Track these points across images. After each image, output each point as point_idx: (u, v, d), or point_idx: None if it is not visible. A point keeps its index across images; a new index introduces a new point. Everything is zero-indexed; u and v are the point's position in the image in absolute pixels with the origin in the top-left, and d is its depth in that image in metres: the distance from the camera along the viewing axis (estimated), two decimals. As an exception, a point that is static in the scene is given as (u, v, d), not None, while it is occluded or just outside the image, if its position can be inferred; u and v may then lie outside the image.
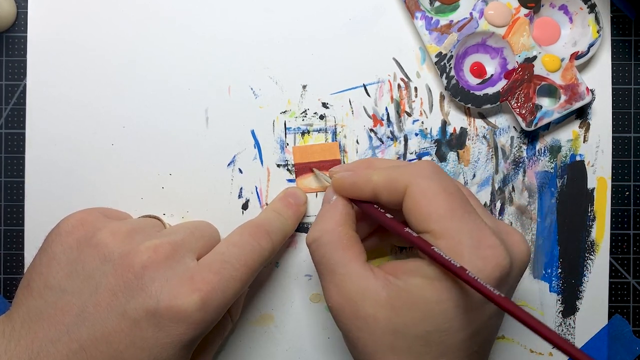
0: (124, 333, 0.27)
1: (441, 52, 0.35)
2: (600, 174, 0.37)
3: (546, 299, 0.37)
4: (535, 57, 0.35)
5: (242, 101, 0.36)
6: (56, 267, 0.29)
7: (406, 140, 0.37)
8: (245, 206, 0.36)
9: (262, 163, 0.36)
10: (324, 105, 0.36)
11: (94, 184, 0.36)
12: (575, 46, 0.36)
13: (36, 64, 0.36)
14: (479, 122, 0.37)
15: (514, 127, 0.37)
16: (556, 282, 0.37)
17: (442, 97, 0.37)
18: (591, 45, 0.35)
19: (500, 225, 0.29)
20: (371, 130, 0.36)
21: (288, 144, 0.36)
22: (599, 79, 0.37)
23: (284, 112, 0.36)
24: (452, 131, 0.37)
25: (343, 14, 0.36)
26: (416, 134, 0.37)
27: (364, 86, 0.36)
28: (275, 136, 0.36)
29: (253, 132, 0.36)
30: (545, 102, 0.36)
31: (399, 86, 0.36)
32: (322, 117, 0.36)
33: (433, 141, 0.37)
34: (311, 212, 0.36)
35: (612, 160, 0.37)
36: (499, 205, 0.37)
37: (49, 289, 0.28)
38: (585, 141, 0.37)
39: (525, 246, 0.29)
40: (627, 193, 0.37)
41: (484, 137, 0.37)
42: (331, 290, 0.29)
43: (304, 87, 0.36)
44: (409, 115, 0.37)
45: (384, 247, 0.36)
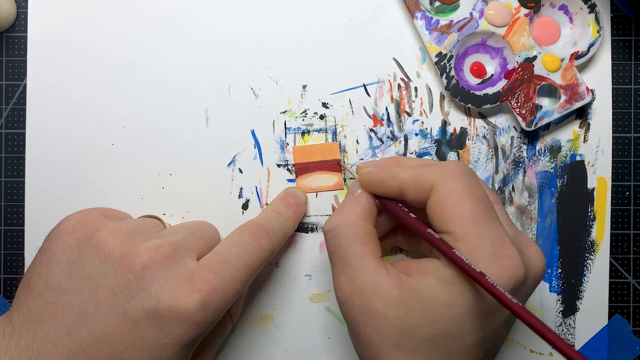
0: (124, 333, 0.27)
1: (441, 52, 0.35)
2: (600, 174, 0.37)
3: (546, 299, 0.37)
4: (535, 57, 0.35)
5: (242, 101, 0.36)
6: (56, 267, 0.29)
7: (406, 140, 0.37)
8: (245, 206, 0.36)
9: (262, 163, 0.36)
10: (324, 105, 0.36)
11: (94, 184, 0.36)
12: (575, 46, 0.36)
13: (36, 64, 0.36)
14: (479, 122, 0.37)
15: (514, 127, 0.37)
16: (556, 282, 0.37)
17: (442, 97, 0.37)
18: (591, 45, 0.35)
19: (520, 235, 0.29)
20: (371, 130, 0.36)
21: (288, 144, 0.36)
22: (599, 79, 0.37)
23: (284, 112, 0.36)
24: (452, 131, 0.37)
25: (343, 14, 0.36)
26: (416, 134, 0.37)
27: (364, 86, 0.36)
28: (275, 136, 0.36)
29: (253, 132, 0.36)
30: (545, 102, 0.36)
31: (399, 86, 0.36)
32: (322, 117, 0.36)
33: (433, 141, 0.37)
34: (311, 212, 0.36)
35: (612, 160, 0.37)
36: (499, 205, 0.37)
37: (49, 289, 0.28)
38: (585, 141, 0.37)
39: (541, 260, 0.29)
40: (627, 193, 0.37)
41: (484, 137, 0.37)
42: (342, 281, 0.28)
43: (304, 87, 0.36)
44: (409, 115, 0.37)
45: (385, 246, 0.36)
